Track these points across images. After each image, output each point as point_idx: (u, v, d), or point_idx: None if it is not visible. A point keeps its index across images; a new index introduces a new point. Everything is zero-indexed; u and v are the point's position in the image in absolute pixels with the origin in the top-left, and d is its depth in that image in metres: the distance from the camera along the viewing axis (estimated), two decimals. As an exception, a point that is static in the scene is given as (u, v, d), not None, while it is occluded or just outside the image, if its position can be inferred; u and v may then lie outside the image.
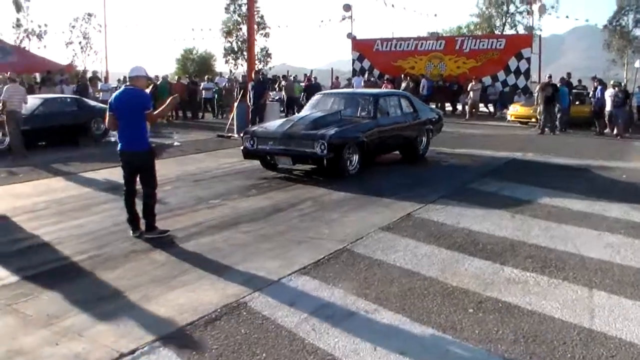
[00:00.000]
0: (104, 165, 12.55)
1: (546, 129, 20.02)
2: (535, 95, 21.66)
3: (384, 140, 12.12)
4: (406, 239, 7.24)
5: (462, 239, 7.21)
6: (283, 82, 29.56)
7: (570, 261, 6.40)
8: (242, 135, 11.65)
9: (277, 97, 29.61)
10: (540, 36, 30.59)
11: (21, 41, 48.72)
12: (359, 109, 12.27)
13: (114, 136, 15.33)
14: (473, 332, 4.69)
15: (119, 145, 7.42)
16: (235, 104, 19.47)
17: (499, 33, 45.69)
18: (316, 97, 13.74)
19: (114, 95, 7.57)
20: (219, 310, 5.15)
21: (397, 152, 13.55)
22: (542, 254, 6.64)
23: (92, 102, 18.71)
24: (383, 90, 18.41)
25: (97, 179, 11.47)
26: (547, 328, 4.75)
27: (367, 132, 11.48)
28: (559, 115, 20.18)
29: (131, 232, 7.37)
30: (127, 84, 7.63)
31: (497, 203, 9.12)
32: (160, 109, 7.84)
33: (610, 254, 6.63)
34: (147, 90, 8.66)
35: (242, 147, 11.63)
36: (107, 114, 7.41)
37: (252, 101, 18.33)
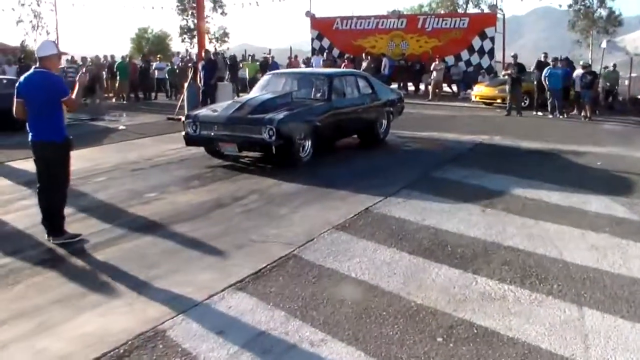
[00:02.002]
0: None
1: (512, 111, 19.18)
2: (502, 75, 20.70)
3: (340, 124, 11.11)
4: (364, 240, 6.26)
5: (428, 241, 6.26)
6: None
7: (553, 269, 5.49)
8: (183, 119, 10.51)
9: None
10: (504, 15, 29.72)
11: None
12: (313, 90, 11.21)
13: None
14: (444, 373, 3.74)
15: (29, 136, 6.27)
16: (186, 85, 18.28)
17: (462, 12, 44.88)
18: (266, 77, 12.64)
19: (21, 78, 6.39)
20: (130, 342, 4.11)
21: (355, 136, 12.58)
22: (520, 259, 5.71)
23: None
24: (339, 69, 17.30)
25: (25, 170, 10.22)
26: (534, 364, 3.83)
27: (321, 116, 10.45)
28: (550, 100, 19.17)
29: (47, 235, 6.26)
30: (37, 65, 6.34)
31: (465, 195, 8.20)
32: (74, 92, 6.58)
33: (598, 259, 5.74)
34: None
35: (183, 133, 10.49)
36: (15, 100, 6.26)
37: (202, 81, 17.15)
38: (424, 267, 5.52)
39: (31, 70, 6.33)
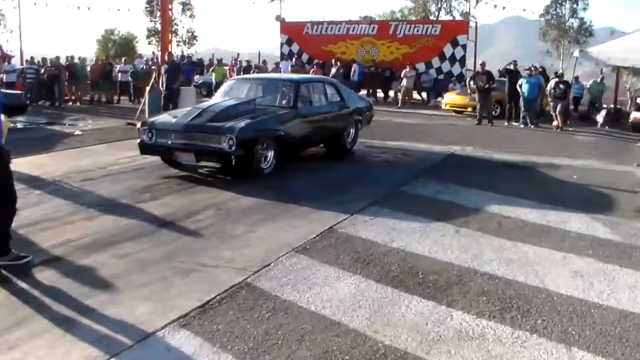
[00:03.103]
0: None
1: (483, 120, 18.75)
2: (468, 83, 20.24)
3: (306, 133, 10.49)
4: (326, 266, 5.63)
5: (397, 266, 5.65)
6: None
7: (535, 300, 4.93)
8: (139, 126, 9.79)
9: (200, 82, 27.75)
10: (476, 23, 29.41)
11: None
12: (278, 96, 10.58)
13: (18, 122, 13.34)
14: None
15: None
16: (147, 89, 17.52)
17: (434, 19, 44.62)
18: (229, 82, 12.01)
19: None
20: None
21: (322, 145, 11.98)
22: (499, 289, 5.14)
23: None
24: (305, 75, 16.67)
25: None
26: None
27: (286, 124, 9.82)
28: (522, 108, 18.67)
29: None
30: None
31: (437, 212, 7.63)
32: None
33: (583, 289, 5.20)
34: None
35: (138, 141, 9.77)
36: None
37: (164, 86, 16.39)
38: (392, 298, 4.92)
39: None
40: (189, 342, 4.12)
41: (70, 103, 23.43)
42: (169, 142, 9.37)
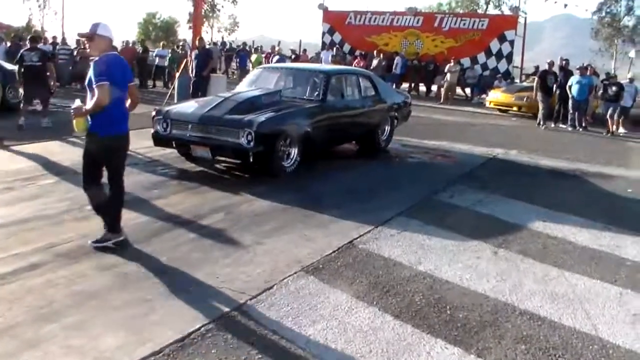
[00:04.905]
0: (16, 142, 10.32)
1: (546, 122, 17.60)
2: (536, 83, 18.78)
3: (335, 130, 9.61)
4: (337, 292, 4.80)
5: (422, 297, 4.80)
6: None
7: (586, 353, 4.04)
8: (153, 115, 9.07)
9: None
10: (525, 19, 28.15)
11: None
12: (306, 88, 9.74)
13: (38, 103, 12.82)
14: None
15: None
16: (177, 75, 16.88)
17: (482, 12, 43.22)
18: (255, 71, 11.17)
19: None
20: None
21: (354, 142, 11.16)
22: (542, 335, 4.26)
23: (8, 66, 15.68)
24: (338, 66, 15.75)
25: None
26: None
27: (313, 119, 8.96)
28: (571, 110, 17.50)
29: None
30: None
31: (474, 228, 6.75)
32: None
33: (646, 340, 4.28)
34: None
35: (152, 131, 9.04)
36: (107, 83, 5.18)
37: (194, 72, 15.69)
38: (411, 341, 4.07)
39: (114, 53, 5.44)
40: (155, 391, 3.35)
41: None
42: (185, 134, 8.63)
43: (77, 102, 5.35)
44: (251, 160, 8.12)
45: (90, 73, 5.25)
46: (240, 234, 6.09)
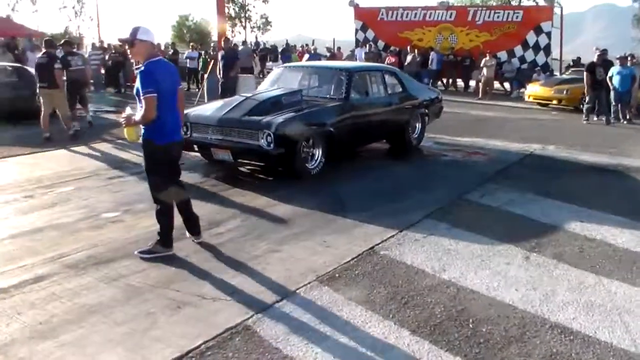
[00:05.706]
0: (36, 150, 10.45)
1: (593, 117, 16.89)
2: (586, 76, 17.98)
3: (361, 129, 9.24)
4: (352, 305, 4.47)
5: (443, 309, 4.44)
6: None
7: (624, 373, 3.64)
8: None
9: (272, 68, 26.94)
10: (562, 9, 27.35)
11: (14, 6, 46.12)
12: (328, 87, 9.42)
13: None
14: None
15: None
16: (206, 76, 16.74)
17: (516, 4, 42.28)
18: (277, 70, 10.88)
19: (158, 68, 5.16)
20: None
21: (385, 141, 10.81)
22: (574, 352, 3.86)
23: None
24: (361, 63, 15.36)
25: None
26: None
27: (336, 119, 8.64)
28: (613, 102, 16.73)
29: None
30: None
31: (506, 230, 6.34)
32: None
33: (693, 357, 3.85)
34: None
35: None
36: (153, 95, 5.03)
37: (221, 73, 15.50)
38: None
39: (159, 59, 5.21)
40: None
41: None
42: (206, 137, 8.40)
43: (128, 111, 5.23)
44: (273, 162, 7.84)
45: (137, 83, 5.02)
46: (255, 242, 5.81)
